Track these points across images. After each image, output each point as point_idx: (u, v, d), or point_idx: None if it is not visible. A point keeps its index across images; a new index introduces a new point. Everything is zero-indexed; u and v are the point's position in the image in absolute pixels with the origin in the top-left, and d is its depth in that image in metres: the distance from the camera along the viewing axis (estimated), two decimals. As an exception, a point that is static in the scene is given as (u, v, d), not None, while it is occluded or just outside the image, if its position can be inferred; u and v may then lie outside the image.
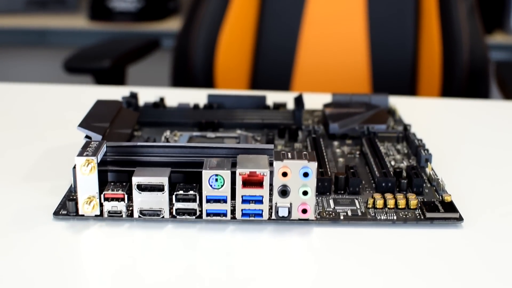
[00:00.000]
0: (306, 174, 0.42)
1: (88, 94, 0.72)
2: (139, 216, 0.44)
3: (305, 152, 0.43)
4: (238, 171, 0.42)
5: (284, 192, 0.43)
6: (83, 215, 0.44)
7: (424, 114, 0.70)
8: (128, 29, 1.58)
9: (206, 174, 0.42)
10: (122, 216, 0.44)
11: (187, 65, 1.01)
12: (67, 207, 0.44)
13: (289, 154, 0.43)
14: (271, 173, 0.43)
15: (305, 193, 0.42)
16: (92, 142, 0.45)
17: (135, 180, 0.43)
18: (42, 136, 0.60)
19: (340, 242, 0.42)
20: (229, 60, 1.00)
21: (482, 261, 0.40)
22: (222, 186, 0.42)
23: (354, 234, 0.43)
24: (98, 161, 0.43)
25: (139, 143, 0.46)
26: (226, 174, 0.42)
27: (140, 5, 1.59)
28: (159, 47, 1.17)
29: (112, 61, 0.97)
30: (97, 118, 0.52)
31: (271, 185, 0.43)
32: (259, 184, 0.42)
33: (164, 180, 0.43)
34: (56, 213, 0.44)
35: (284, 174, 0.42)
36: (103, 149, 0.45)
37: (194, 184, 0.44)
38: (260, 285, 0.37)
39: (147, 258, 0.40)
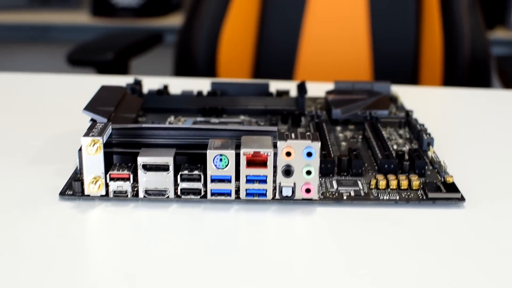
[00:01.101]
0: (309, 154, 0.43)
1: (92, 83, 0.73)
2: (144, 196, 0.44)
3: (308, 133, 0.44)
4: (242, 151, 0.42)
5: (287, 172, 0.43)
6: (88, 195, 0.44)
7: (425, 102, 0.70)
8: (131, 25, 1.58)
9: (210, 154, 0.43)
10: (127, 196, 0.44)
11: (189, 59, 1.01)
12: (73, 187, 0.45)
13: (293, 135, 0.43)
14: (275, 154, 0.43)
15: (308, 172, 0.43)
16: (98, 124, 0.46)
17: (141, 160, 0.43)
18: (47, 122, 0.61)
19: (343, 221, 0.42)
20: (231, 53, 1.01)
21: (484, 240, 0.40)
22: (226, 166, 0.43)
23: (357, 214, 0.43)
24: (104, 141, 0.44)
25: (144, 125, 0.47)
26: (230, 154, 0.43)
27: (143, 0, 1.60)
28: (162, 41, 1.17)
29: (115, 53, 0.98)
30: (102, 103, 0.52)
31: (275, 167, 0.43)
32: (263, 164, 0.43)
33: (169, 160, 0.43)
34: (62, 193, 0.45)
35: (288, 154, 0.43)
36: (109, 130, 0.45)
37: (199, 165, 0.44)
38: (263, 263, 0.38)
39: (152, 237, 0.40)
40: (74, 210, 0.43)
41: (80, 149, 0.45)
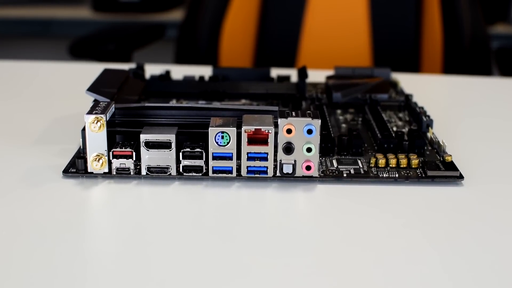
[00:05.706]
0: (310, 131, 0.43)
1: (94, 70, 0.73)
2: (146, 173, 0.45)
3: (309, 111, 0.44)
4: (243, 128, 0.43)
5: (288, 149, 0.43)
6: (91, 173, 0.45)
7: (425, 88, 0.71)
8: (132, 19, 1.59)
9: (212, 131, 0.43)
10: (130, 173, 0.45)
11: (191, 52, 1.01)
12: (76, 165, 0.45)
13: (293, 113, 0.44)
14: (276, 133, 0.44)
15: (309, 150, 0.43)
16: (101, 103, 0.46)
17: (143, 137, 0.44)
18: (50, 107, 0.61)
19: (343, 198, 0.43)
20: (233, 47, 1.01)
21: (482, 216, 0.41)
22: (228, 143, 0.43)
23: (356, 191, 0.44)
24: (107, 119, 0.44)
25: (147, 104, 0.47)
26: (232, 131, 0.43)
27: (144, -5, 1.61)
28: (163, 35, 1.17)
29: (116, 43, 0.98)
30: (105, 84, 0.53)
31: (275, 146, 0.44)
32: (264, 141, 0.43)
33: (171, 137, 0.44)
34: (66, 171, 0.45)
35: (289, 131, 0.43)
36: (112, 109, 0.46)
37: (201, 143, 0.45)
38: (264, 240, 0.38)
39: (154, 214, 0.41)
40: (77, 187, 0.44)
41: (83, 129, 0.46)
